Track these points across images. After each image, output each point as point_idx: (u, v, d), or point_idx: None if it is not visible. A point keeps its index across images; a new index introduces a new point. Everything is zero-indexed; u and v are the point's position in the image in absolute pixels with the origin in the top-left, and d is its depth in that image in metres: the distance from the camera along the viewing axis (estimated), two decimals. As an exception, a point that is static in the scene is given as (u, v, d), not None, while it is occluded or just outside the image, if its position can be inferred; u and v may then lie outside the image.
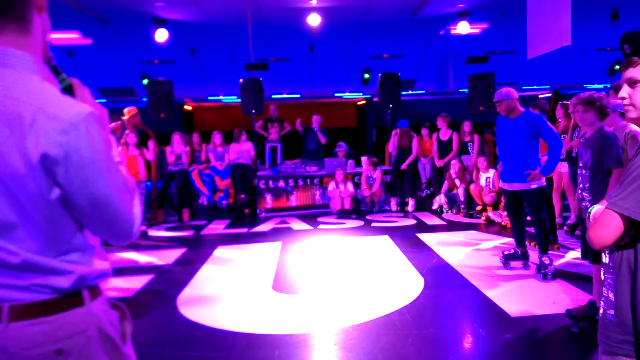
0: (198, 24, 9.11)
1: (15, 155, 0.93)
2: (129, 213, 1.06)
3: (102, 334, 1.07)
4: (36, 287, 1.00)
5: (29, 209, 0.97)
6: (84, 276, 1.04)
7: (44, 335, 1.00)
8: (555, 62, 12.19)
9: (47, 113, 0.94)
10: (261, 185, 8.42)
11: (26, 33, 1.01)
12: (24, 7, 0.99)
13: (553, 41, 6.14)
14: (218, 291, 4.22)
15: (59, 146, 0.94)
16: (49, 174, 0.95)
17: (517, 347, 2.93)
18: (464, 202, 7.65)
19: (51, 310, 1.01)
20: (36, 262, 0.99)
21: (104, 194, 1.00)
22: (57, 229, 1.00)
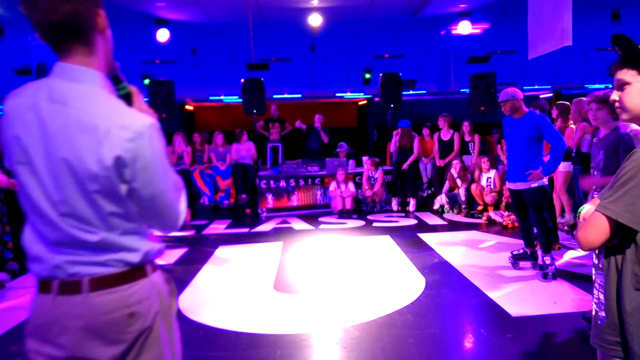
0: (199, 24, 9.12)
1: (91, 159, 1.12)
2: (177, 207, 1.29)
3: (161, 301, 1.29)
4: (112, 261, 1.20)
5: (103, 201, 1.16)
6: (148, 252, 1.26)
7: (118, 302, 1.20)
8: (556, 62, 12.18)
9: (118, 124, 1.13)
10: (262, 185, 8.43)
11: (92, 53, 1.19)
12: (88, 32, 1.17)
13: (554, 41, 6.14)
14: (219, 291, 4.23)
15: (127, 151, 1.13)
16: (118, 174, 1.14)
17: (518, 347, 2.94)
18: (465, 202, 7.65)
19: (123, 281, 1.21)
20: (111, 241, 1.19)
21: (160, 190, 1.21)
22: (127, 217, 1.20)
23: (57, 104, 1.14)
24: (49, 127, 1.13)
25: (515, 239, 5.83)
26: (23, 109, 1.16)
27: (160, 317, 1.28)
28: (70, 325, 1.17)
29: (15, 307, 3.94)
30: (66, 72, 1.16)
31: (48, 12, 1.10)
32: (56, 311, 1.18)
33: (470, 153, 8.34)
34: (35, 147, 1.14)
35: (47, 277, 1.19)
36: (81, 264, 1.18)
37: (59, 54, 1.18)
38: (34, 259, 1.21)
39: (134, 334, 1.22)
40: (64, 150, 1.13)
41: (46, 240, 1.19)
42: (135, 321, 1.22)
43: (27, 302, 1.44)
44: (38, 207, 1.17)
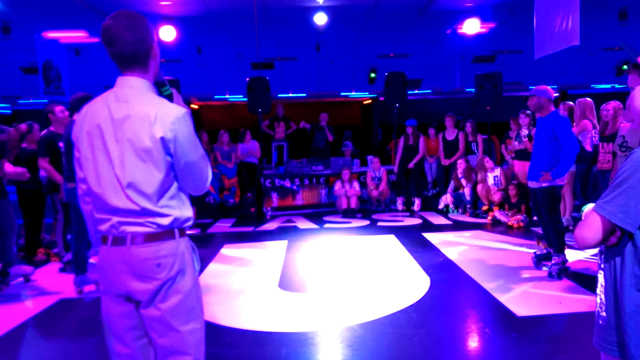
0: (204, 23, 9.14)
1: (145, 137, 1.59)
2: (206, 173, 1.74)
3: (183, 260, 1.68)
4: (148, 223, 1.63)
5: (153, 168, 1.61)
6: (177, 218, 1.67)
7: (150, 254, 1.63)
8: (562, 62, 12.11)
9: (164, 111, 1.62)
10: (267, 184, 8.45)
11: (146, 70, 1.71)
12: (146, 59, 1.69)
13: (561, 41, 6.12)
14: (225, 289, 4.24)
15: (171, 131, 1.60)
16: (165, 148, 1.61)
17: (523, 347, 2.93)
18: (470, 202, 7.63)
19: (156, 239, 1.64)
20: (149, 209, 1.62)
21: (193, 159, 1.67)
22: (167, 185, 1.64)
23: (121, 102, 1.64)
24: (117, 118, 1.62)
25: (520, 238, 5.82)
26: (99, 108, 1.66)
27: (182, 273, 1.68)
28: (118, 267, 1.64)
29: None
30: (126, 82, 1.68)
31: (122, 49, 1.63)
32: (110, 257, 1.66)
33: (474, 153, 8.32)
34: (109, 133, 1.62)
35: (105, 233, 1.66)
36: (127, 224, 1.63)
37: (122, 71, 1.69)
38: (98, 221, 1.68)
39: (160, 280, 1.63)
40: (127, 133, 1.60)
41: (106, 207, 1.64)
42: (162, 270, 1.64)
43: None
44: (107, 182, 1.62)
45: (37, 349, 3.21)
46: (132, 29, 1.63)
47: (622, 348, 1.37)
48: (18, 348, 3.15)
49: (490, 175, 7.49)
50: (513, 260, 4.85)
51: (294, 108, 12.47)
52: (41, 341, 3.37)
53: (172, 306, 1.66)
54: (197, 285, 1.76)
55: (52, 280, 4.61)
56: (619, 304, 1.37)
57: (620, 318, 1.37)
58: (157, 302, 1.65)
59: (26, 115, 11.87)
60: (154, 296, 1.64)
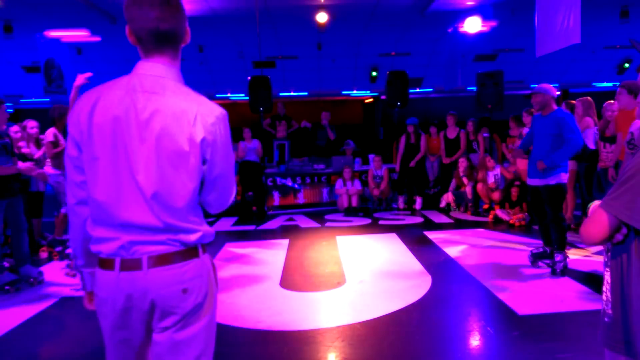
0: (206, 22, 9.15)
1: (182, 138, 1.31)
2: (234, 187, 1.50)
3: (210, 279, 1.43)
4: (170, 241, 1.33)
5: (186, 178, 1.32)
6: (205, 234, 1.40)
7: (174, 277, 1.33)
8: (564, 60, 12.11)
9: (204, 111, 1.35)
10: (269, 182, 8.46)
11: (176, 57, 1.42)
12: (179, 42, 1.41)
13: (562, 39, 6.11)
14: (226, 287, 4.25)
15: (210, 133, 1.34)
16: (202, 152, 1.33)
17: (525, 345, 2.94)
18: (472, 200, 7.63)
19: (179, 259, 1.34)
20: (173, 225, 1.33)
21: (225, 169, 1.41)
22: (195, 198, 1.37)
23: (149, 93, 1.33)
24: (143, 112, 1.31)
25: (522, 237, 5.82)
26: (118, 96, 1.33)
27: (210, 292, 1.43)
28: (133, 298, 1.32)
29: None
30: (154, 69, 1.37)
31: (158, 21, 1.32)
32: (119, 286, 1.33)
33: (475, 151, 8.32)
34: (131, 129, 1.30)
35: (109, 255, 1.34)
36: (142, 243, 1.32)
37: (148, 55, 1.38)
38: (97, 239, 1.35)
39: (187, 308, 1.36)
40: (157, 132, 1.30)
41: (112, 222, 1.32)
42: (188, 296, 1.36)
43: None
44: (123, 190, 1.31)
45: (39, 347, 3.22)
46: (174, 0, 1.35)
47: (628, 345, 1.37)
48: (20, 346, 3.17)
49: (490, 174, 7.49)
50: (514, 258, 4.85)
51: (295, 107, 12.48)
52: (44, 339, 3.38)
53: (191, 335, 1.39)
54: (216, 309, 1.51)
55: (54, 279, 4.63)
56: (626, 301, 1.37)
57: (626, 315, 1.37)
58: (174, 331, 1.36)
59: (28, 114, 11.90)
60: (172, 325, 1.37)
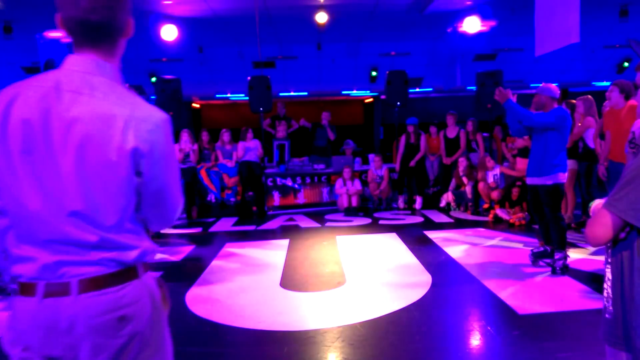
0: (206, 22, 9.14)
1: (110, 147, 1.12)
2: (179, 204, 1.30)
3: (152, 302, 1.24)
4: (105, 261, 1.15)
5: (115, 192, 1.15)
6: (143, 252, 1.22)
7: (109, 304, 1.14)
8: (563, 60, 12.10)
9: (139, 116, 1.16)
10: (269, 182, 8.46)
11: (113, 54, 1.24)
12: (117, 35, 1.23)
13: (561, 38, 6.11)
14: (227, 287, 4.25)
15: (146, 142, 1.15)
16: (136, 165, 1.15)
17: (525, 345, 2.94)
18: (472, 200, 7.63)
19: (115, 282, 1.16)
20: (108, 240, 1.15)
21: (168, 184, 1.23)
22: (130, 212, 1.19)
23: (73, 93, 1.13)
24: (65, 115, 1.11)
25: (522, 236, 5.82)
26: (33, 97, 1.12)
27: (153, 318, 1.22)
28: (57, 329, 1.11)
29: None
30: (83, 65, 1.18)
31: (89, 11, 1.15)
32: (40, 316, 1.11)
33: (475, 151, 8.33)
34: (50, 134, 1.11)
35: (30, 279, 1.13)
36: (71, 264, 1.13)
37: (78, 48, 1.19)
38: (18, 259, 1.14)
39: (124, 338, 1.16)
40: (81, 138, 1.11)
41: (36, 239, 1.12)
42: (126, 325, 1.16)
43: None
44: (44, 203, 1.11)
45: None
46: None
47: (628, 341, 1.39)
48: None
49: (490, 174, 7.49)
50: (515, 258, 4.85)
51: (295, 107, 12.48)
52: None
53: None
54: (169, 334, 1.31)
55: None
56: (626, 298, 1.38)
57: (627, 312, 1.38)
58: None
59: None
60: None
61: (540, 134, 4.33)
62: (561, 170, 4.28)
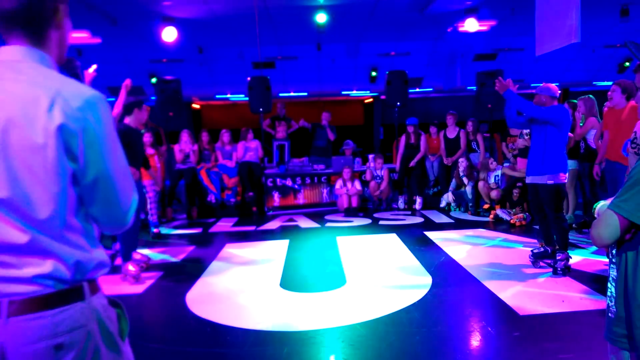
0: (206, 23, 9.14)
1: (35, 129, 1.01)
2: (125, 198, 1.13)
3: (101, 328, 1.09)
4: (39, 279, 1.01)
5: (44, 177, 1.02)
6: (82, 263, 1.06)
7: (44, 330, 1.00)
8: (564, 59, 12.09)
9: (66, 93, 1.05)
10: (269, 183, 8.45)
11: (45, 41, 1.13)
12: (41, 24, 1.12)
13: (562, 38, 6.10)
14: (227, 288, 4.25)
15: (76, 120, 1.03)
16: (67, 147, 1.03)
17: (525, 346, 2.93)
18: (472, 200, 7.62)
19: (52, 304, 1.01)
20: (41, 243, 1.01)
21: (107, 172, 1.08)
22: (64, 206, 1.04)
23: None
24: None
25: (522, 237, 5.81)
26: None
27: (102, 347, 1.08)
28: None
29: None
30: (8, 53, 1.10)
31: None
32: None
33: (476, 151, 8.32)
34: None
35: None
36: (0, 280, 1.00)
37: (7, 39, 1.11)
38: None
39: None
40: (4, 123, 1.01)
41: None
42: (64, 355, 1.01)
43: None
44: None
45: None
46: None
47: (631, 340, 1.39)
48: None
49: (492, 175, 7.48)
50: (515, 258, 4.84)
51: (295, 107, 12.48)
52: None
53: None
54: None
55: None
56: (630, 297, 1.39)
57: (630, 311, 1.38)
58: None
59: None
60: None
61: (540, 132, 4.31)
62: (562, 170, 4.26)
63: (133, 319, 3.69)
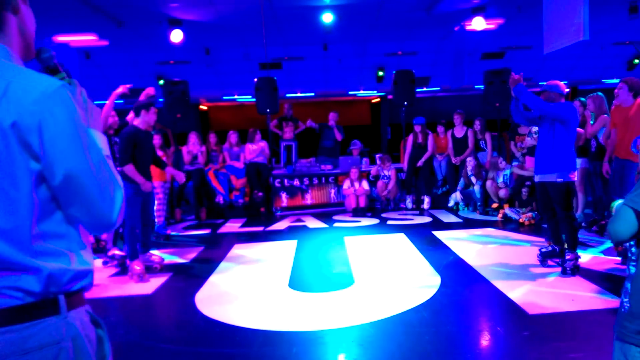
0: (212, 24, 9.18)
1: None
2: (108, 195, 1.01)
3: (77, 347, 0.99)
4: (7, 289, 0.92)
5: (6, 184, 0.93)
6: (56, 274, 0.96)
7: (11, 345, 0.91)
8: (572, 57, 12.00)
9: (19, 85, 0.94)
10: (276, 184, 8.47)
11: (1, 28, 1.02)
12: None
13: (570, 35, 6.06)
14: (235, 288, 4.26)
15: (32, 115, 0.93)
16: (25, 145, 0.93)
17: (535, 345, 2.91)
18: (481, 200, 7.59)
19: (21, 318, 0.93)
20: (6, 255, 0.92)
21: (80, 167, 0.97)
22: (30, 211, 0.94)
23: None
24: None
25: (532, 236, 5.77)
26: None
27: None
28: None
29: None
30: None
31: None
32: None
33: (484, 150, 8.28)
34: None
35: None
36: None
37: None
38: None
39: None
40: None
41: None
42: None
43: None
44: None
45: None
46: None
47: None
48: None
49: (500, 174, 7.45)
50: (524, 257, 4.81)
51: (302, 108, 12.49)
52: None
53: None
54: None
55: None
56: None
57: None
58: None
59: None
60: None
61: (548, 130, 4.28)
62: (571, 168, 4.23)
63: (143, 319, 3.72)
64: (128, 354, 2.99)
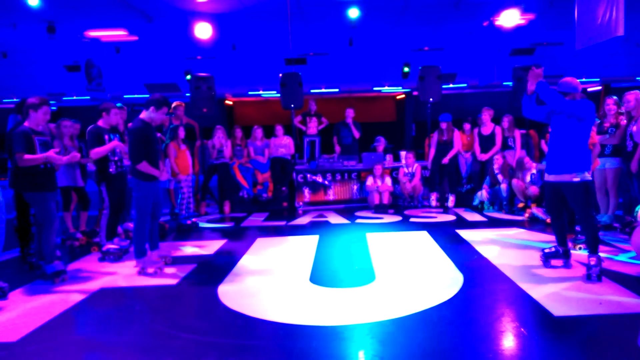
0: (239, 20, 9.26)
1: None
2: None
3: None
4: None
5: None
6: None
7: None
8: (605, 54, 11.65)
9: None
10: (299, 179, 8.50)
11: None
12: None
13: (604, 31, 5.88)
14: (257, 281, 4.31)
15: None
16: None
17: (560, 348, 2.85)
18: (507, 199, 7.45)
19: None
20: None
21: None
22: None
23: None
24: None
25: (559, 237, 5.64)
26: None
27: None
28: None
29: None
30: None
31: None
32: None
33: (512, 148, 8.11)
34: None
35: None
36: None
37: None
38: None
39: None
40: None
41: None
42: None
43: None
44: None
45: (76, 338, 3.35)
46: None
47: None
48: (59, 337, 3.30)
49: (528, 173, 7.29)
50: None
51: (326, 103, 12.49)
52: (81, 330, 3.51)
53: None
54: None
55: (91, 270, 4.80)
56: None
57: None
58: None
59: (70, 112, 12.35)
60: None
61: (561, 128, 4.13)
62: (587, 167, 4.09)
63: (167, 309, 3.78)
64: (154, 341, 3.07)
